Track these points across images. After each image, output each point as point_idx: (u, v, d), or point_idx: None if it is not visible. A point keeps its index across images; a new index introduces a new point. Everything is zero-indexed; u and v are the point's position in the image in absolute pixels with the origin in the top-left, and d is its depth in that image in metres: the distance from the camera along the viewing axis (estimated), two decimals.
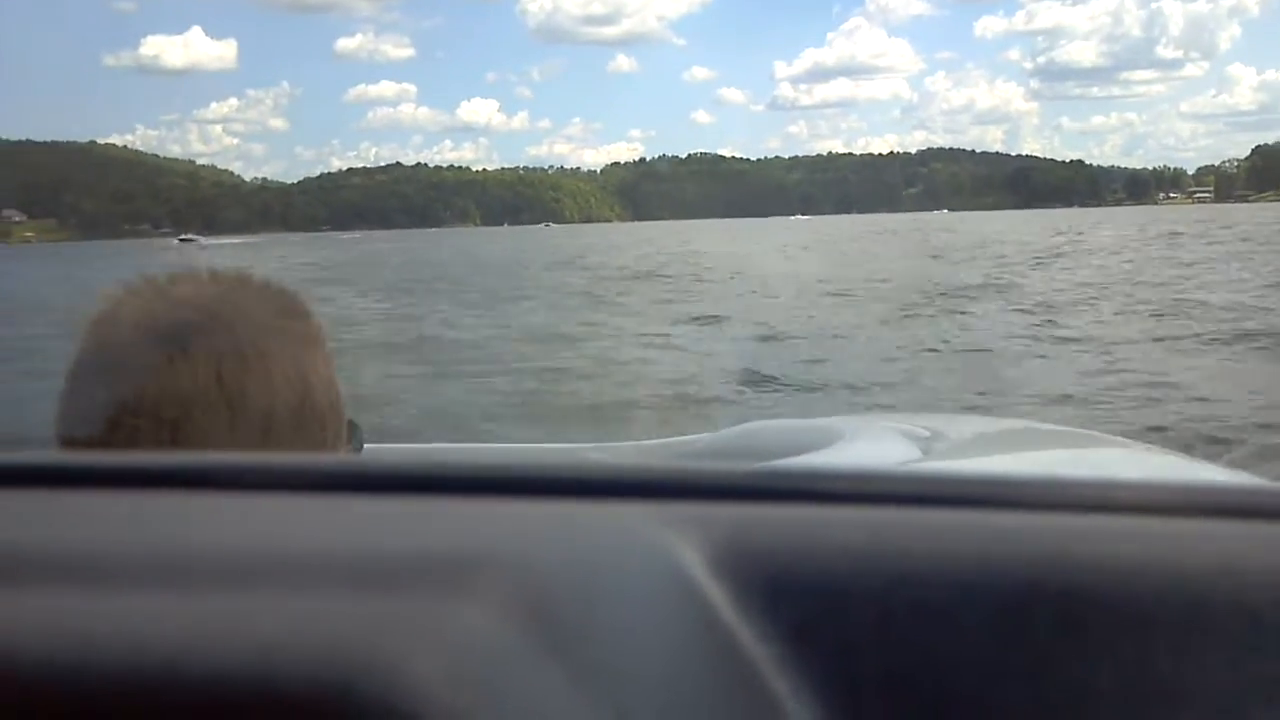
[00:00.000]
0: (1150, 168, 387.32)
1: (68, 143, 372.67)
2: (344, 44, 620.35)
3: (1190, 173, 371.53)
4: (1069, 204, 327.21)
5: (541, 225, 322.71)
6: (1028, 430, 2.83)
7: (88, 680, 0.35)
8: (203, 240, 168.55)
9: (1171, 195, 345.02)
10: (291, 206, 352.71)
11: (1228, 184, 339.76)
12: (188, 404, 0.93)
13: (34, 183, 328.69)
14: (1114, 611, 0.44)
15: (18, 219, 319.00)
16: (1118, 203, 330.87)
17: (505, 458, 2.49)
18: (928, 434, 2.10)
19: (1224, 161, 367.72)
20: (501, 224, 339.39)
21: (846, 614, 0.44)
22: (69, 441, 0.96)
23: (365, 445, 1.05)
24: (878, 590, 0.45)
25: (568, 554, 0.45)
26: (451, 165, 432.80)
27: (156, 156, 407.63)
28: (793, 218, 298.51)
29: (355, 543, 0.45)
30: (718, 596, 0.44)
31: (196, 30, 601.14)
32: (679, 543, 0.46)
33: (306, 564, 0.42)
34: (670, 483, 0.55)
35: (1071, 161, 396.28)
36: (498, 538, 0.46)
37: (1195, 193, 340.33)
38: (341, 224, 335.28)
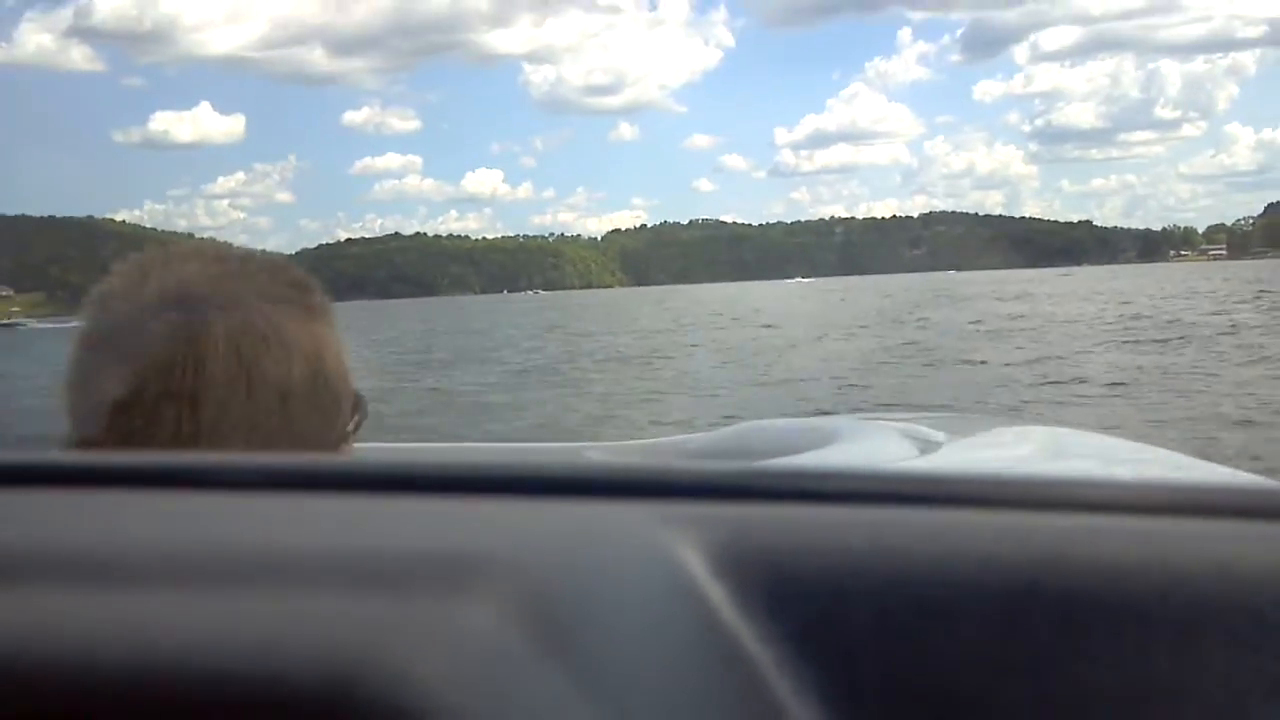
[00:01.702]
0: (1161, 228, 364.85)
1: (64, 218, 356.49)
2: (351, 117, 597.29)
3: (1200, 231, 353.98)
4: (1078, 263, 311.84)
5: (529, 293, 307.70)
6: (1025, 430, 2.76)
7: (92, 679, 0.34)
8: None
9: (1183, 253, 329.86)
10: None
11: (1241, 241, 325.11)
12: (207, 375, 0.92)
13: (26, 259, 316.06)
14: (1115, 611, 0.43)
15: (4, 293, 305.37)
16: (1128, 261, 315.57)
17: (505, 457, 2.45)
18: (924, 434, 2.09)
19: (1238, 220, 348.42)
20: (501, 291, 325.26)
21: (847, 614, 0.44)
22: (83, 425, 0.94)
23: (368, 444, 1.03)
24: (878, 590, 0.44)
25: (568, 554, 0.45)
26: (451, 235, 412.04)
27: (156, 230, 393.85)
28: (789, 281, 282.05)
29: (357, 542, 0.44)
30: (718, 596, 0.44)
31: (205, 105, 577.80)
32: (679, 543, 0.46)
33: (308, 563, 0.41)
34: (670, 482, 0.54)
35: (1079, 222, 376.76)
36: (499, 538, 0.46)
37: (1209, 250, 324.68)
38: (338, 294, 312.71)
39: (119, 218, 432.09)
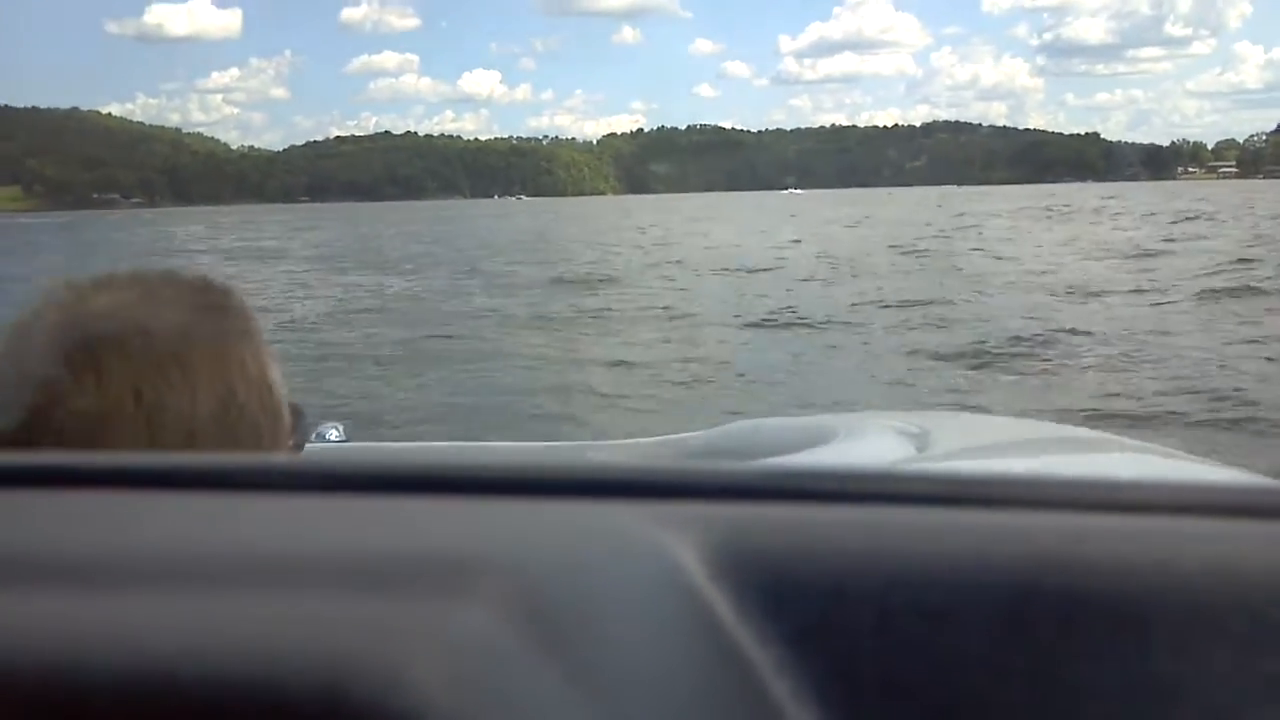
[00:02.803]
0: (1170, 142, 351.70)
1: (48, 109, 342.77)
2: (349, 14, 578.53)
3: (1209, 147, 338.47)
4: (1082, 179, 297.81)
5: (513, 198, 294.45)
6: (1023, 428, 2.73)
7: (83, 683, 0.33)
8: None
9: (1191, 170, 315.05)
10: (270, 176, 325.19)
11: (1252, 159, 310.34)
12: (102, 423, 0.89)
13: (4, 151, 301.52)
14: (1114, 611, 0.42)
15: None
16: (1134, 178, 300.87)
17: (502, 457, 2.42)
18: (922, 432, 2.05)
19: (1251, 136, 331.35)
20: (491, 196, 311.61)
21: (846, 614, 0.43)
22: None
23: (364, 442, 0.95)
24: (877, 590, 0.43)
25: (566, 555, 0.44)
26: (442, 135, 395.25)
27: (142, 124, 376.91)
28: (784, 192, 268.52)
29: (352, 544, 0.44)
30: (716, 597, 0.43)
31: None
32: (677, 543, 0.45)
33: (303, 565, 0.41)
34: (668, 482, 0.53)
35: (1086, 134, 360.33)
36: (495, 538, 0.45)
37: (1219, 168, 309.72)
38: (320, 195, 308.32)
39: (109, 110, 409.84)
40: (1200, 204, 65.10)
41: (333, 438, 2.56)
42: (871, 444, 1.96)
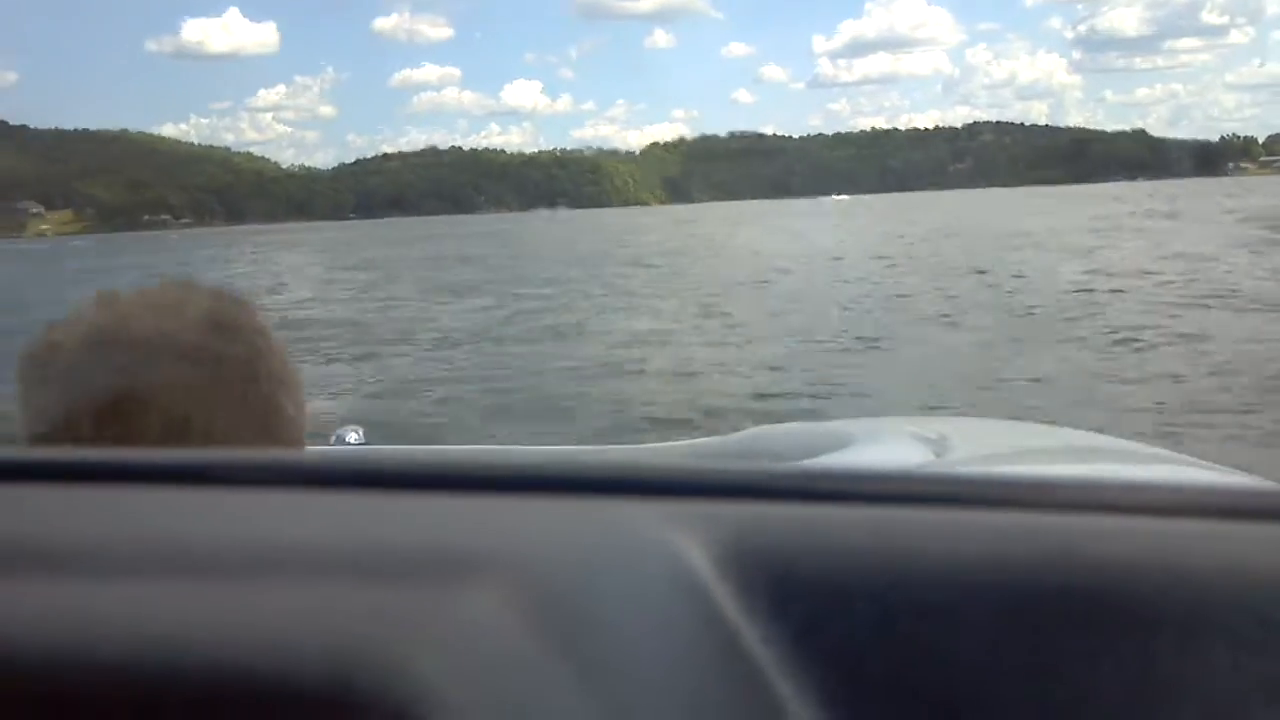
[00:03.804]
0: (1219, 137, 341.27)
1: (99, 130, 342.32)
2: (381, 24, 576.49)
3: (1260, 141, 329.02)
4: (1131, 177, 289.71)
5: (547, 210, 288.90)
6: (1043, 434, 2.70)
7: (88, 675, 0.33)
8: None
9: (1243, 166, 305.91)
10: (317, 195, 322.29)
11: None
12: (144, 418, 0.91)
13: (54, 173, 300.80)
14: (1118, 612, 0.42)
15: (35, 210, 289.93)
16: (1183, 174, 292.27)
17: (511, 458, 1.95)
18: (940, 438, 2.01)
19: None
20: (538, 208, 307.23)
21: (851, 614, 0.43)
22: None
23: (370, 444, 0.92)
24: (881, 590, 0.43)
25: (572, 551, 0.44)
26: (487, 149, 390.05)
27: (192, 145, 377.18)
28: (829, 198, 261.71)
29: (358, 539, 0.43)
30: (722, 595, 0.43)
31: (234, 12, 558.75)
32: (684, 541, 0.45)
33: (309, 560, 0.40)
34: (675, 480, 0.53)
35: (1132, 131, 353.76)
36: (501, 534, 0.45)
37: (1273, 163, 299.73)
38: (369, 212, 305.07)
39: (163, 131, 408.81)
40: None
41: (352, 440, 2.57)
42: (889, 449, 1.95)
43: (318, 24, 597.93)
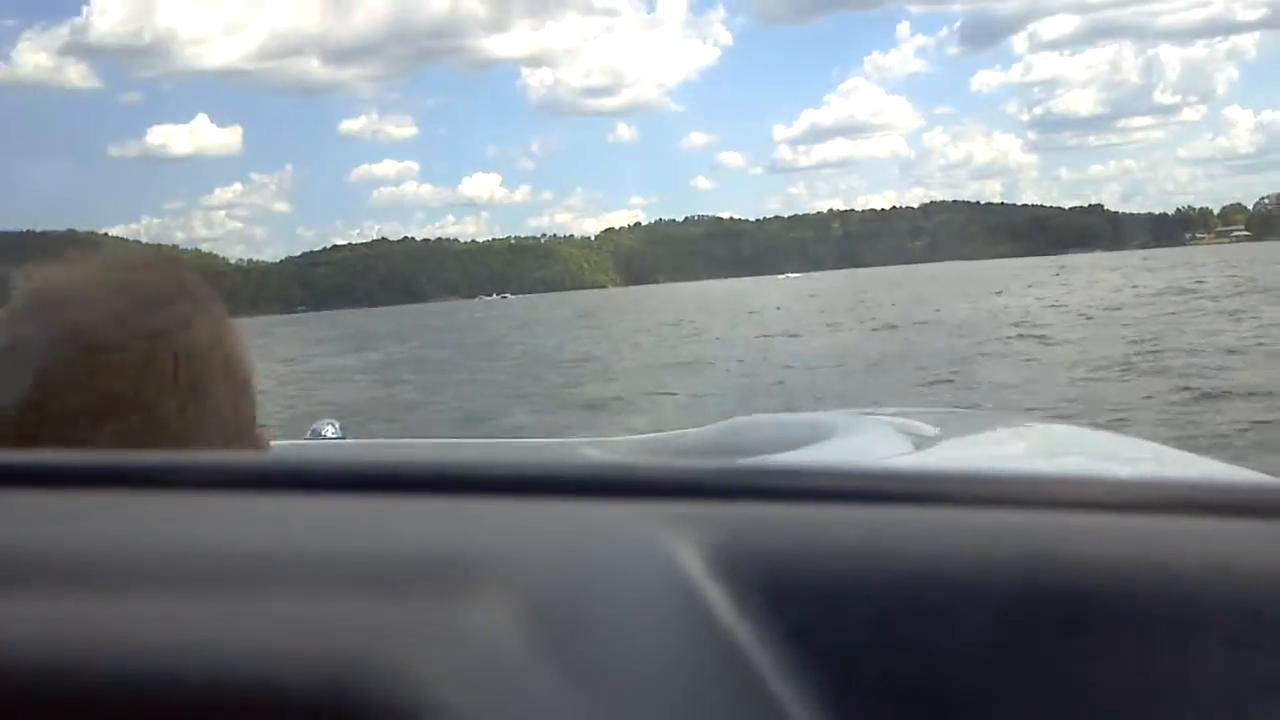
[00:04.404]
0: (1176, 209, 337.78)
1: (43, 232, 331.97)
2: (348, 126, 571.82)
3: (1215, 212, 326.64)
4: (1088, 249, 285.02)
5: (495, 297, 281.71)
6: (1023, 424, 2.68)
7: (87, 683, 0.33)
8: None
9: (1199, 236, 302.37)
10: (264, 288, 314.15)
11: (1261, 222, 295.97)
12: (71, 425, 0.89)
13: None
14: (1113, 610, 0.42)
15: None
16: (1142, 246, 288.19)
17: (502, 455, 2.40)
18: (920, 429, 2.03)
19: (1261, 200, 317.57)
20: (491, 295, 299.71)
21: (845, 614, 0.42)
22: None
23: (361, 440, 0.94)
24: (877, 589, 0.43)
25: (567, 554, 0.44)
26: (440, 238, 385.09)
27: (139, 243, 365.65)
28: (780, 276, 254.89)
29: (354, 543, 0.43)
30: (716, 596, 0.42)
31: (203, 118, 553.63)
32: (677, 542, 0.44)
33: (306, 565, 0.40)
34: (668, 481, 0.53)
35: (1090, 206, 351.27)
36: (497, 538, 0.45)
37: (1230, 232, 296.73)
38: (319, 304, 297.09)
39: (114, 232, 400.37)
40: None
41: (329, 434, 2.56)
42: (869, 440, 1.94)
43: (285, 127, 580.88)
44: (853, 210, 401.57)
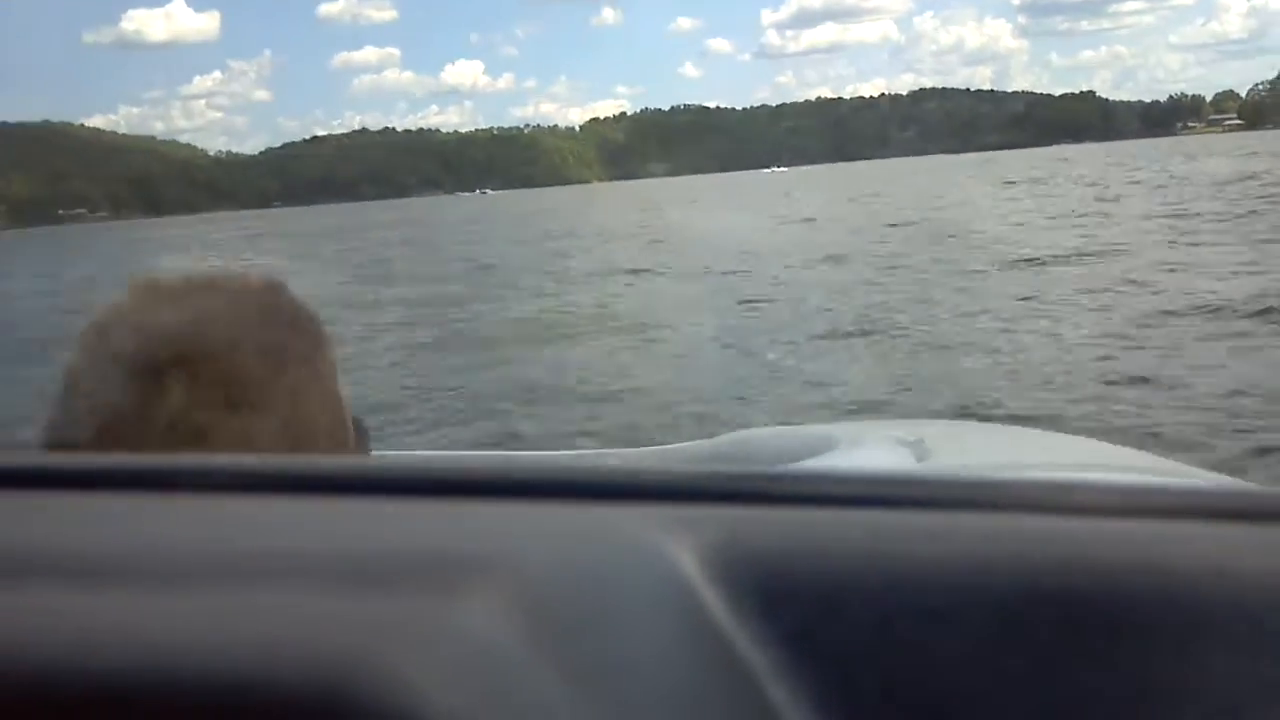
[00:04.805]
0: (1167, 97, 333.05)
1: (17, 124, 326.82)
2: (326, 9, 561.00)
3: (1208, 100, 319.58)
4: (1079, 140, 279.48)
5: (475, 193, 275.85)
6: (1024, 436, 2.69)
7: (82, 682, 0.33)
8: None
9: (1191, 125, 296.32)
10: (243, 183, 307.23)
11: (1254, 110, 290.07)
12: (157, 436, 0.86)
13: None
14: (1113, 615, 0.42)
15: None
16: (1134, 135, 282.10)
17: (500, 463, 2.05)
18: (925, 442, 2.00)
19: (1254, 86, 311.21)
20: (473, 190, 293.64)
21: (844, 618, 0.42)
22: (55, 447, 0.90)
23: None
24: (874, 594, 0.42)
25: (563, 557, 0.43)
26: (421, 129, 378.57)
27: (116, 134, 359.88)
28: (767, 171, 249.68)
29: (351, 545, 0.43)
30: (713, 600, 0.42)
31: (179, 1, 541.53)
32: (674, 546, 0.44)
33: (303, 566, 0.40)
34: (665, 485, 0.53)
35: (1081, 94, 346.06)
36: (494, 540, 0.44)
37: (1222, 121, 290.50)
38: (295, 198, 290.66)
39: (92, 123, 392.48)
40: None
41: None
42: (873, 453, 1.94)
43: (262, 10, 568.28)
44: (841, 98, 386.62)
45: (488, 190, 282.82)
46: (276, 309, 0.95)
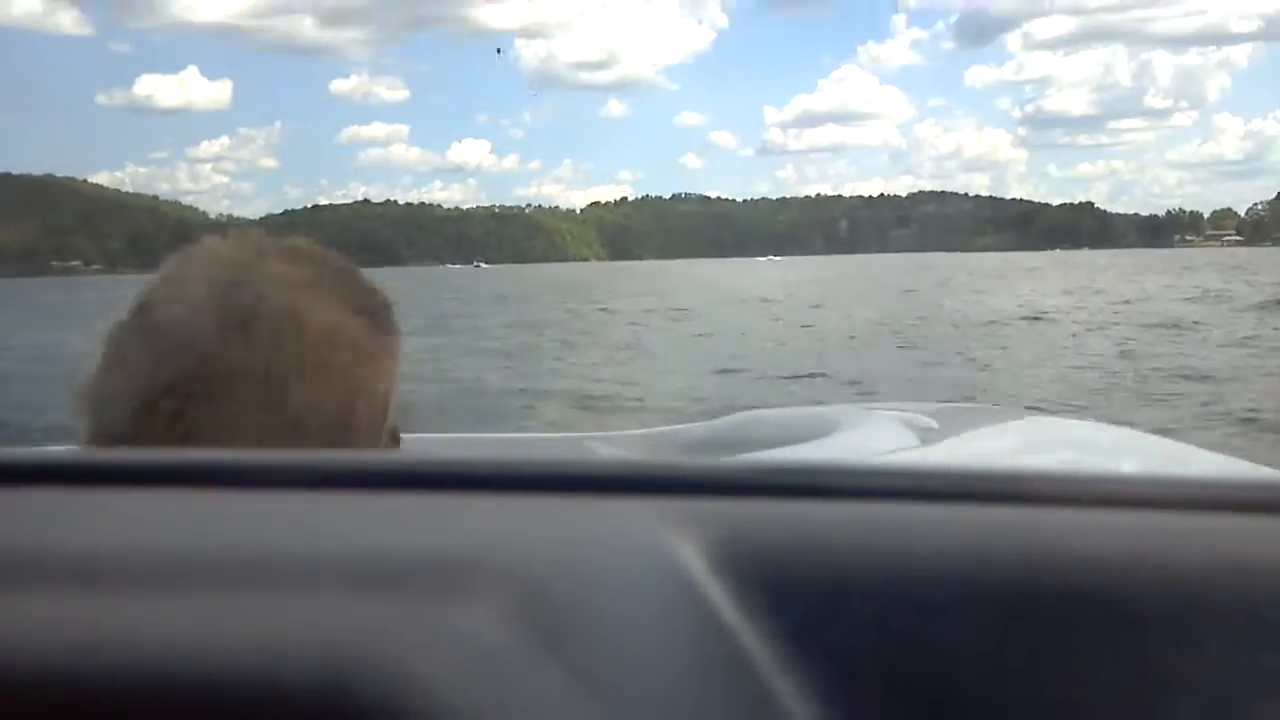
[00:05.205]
0: (1165, 211, 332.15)
1: (20, 175, 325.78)
2: (339, 85, 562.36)
3: (1205, 216, 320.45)
4: (1076, 246, 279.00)
5: (471, 266, 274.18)
6: (1023, 421, 2.70)
7: (87, 681, 0.33)
8: None
9: (1188, 239, 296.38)
10: None
11: (1253, 228, 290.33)
12: (230, 388, 0.86)
13: None
14: (1114, 606, 0.42)
15: None
16: (1130, 245, 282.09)
17: (502, 449, 2.39)
18: (922, 424, 2.01)
19: (1253, 205, 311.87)
20: (471, 264, 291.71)
21: (847, 611, 0.42)
22: (106, 418, 0.88)
23: None
24: (878, 586, 0.42)
25: (566, 551, 0.43)
26: (423, 203, 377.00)
27: (118, 192, 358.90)
28: (763, 260, 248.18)
29: (353, 541, 0.43)
30: (717, 594, 0.42)
31: (192, 70, 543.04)
32: (678, 539, 0.44)
33: (305, 563, 0.39)
34: (670, 479, 0.52)
35: (1080, 203, 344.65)
36: (496, 535, 0.44)
37: (1221, 236, 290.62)
38: None
39: (96, 179, 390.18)
40: None
41: None
42: (871, 434, 1.93)
43: (275, 83, 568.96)
44: (840, 196, 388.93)
45: (481, 263, 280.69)
46: (368, 299, 0.95)
